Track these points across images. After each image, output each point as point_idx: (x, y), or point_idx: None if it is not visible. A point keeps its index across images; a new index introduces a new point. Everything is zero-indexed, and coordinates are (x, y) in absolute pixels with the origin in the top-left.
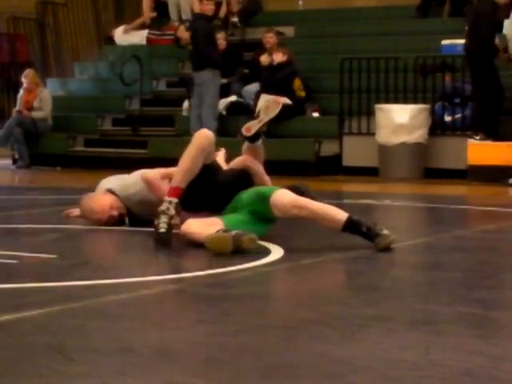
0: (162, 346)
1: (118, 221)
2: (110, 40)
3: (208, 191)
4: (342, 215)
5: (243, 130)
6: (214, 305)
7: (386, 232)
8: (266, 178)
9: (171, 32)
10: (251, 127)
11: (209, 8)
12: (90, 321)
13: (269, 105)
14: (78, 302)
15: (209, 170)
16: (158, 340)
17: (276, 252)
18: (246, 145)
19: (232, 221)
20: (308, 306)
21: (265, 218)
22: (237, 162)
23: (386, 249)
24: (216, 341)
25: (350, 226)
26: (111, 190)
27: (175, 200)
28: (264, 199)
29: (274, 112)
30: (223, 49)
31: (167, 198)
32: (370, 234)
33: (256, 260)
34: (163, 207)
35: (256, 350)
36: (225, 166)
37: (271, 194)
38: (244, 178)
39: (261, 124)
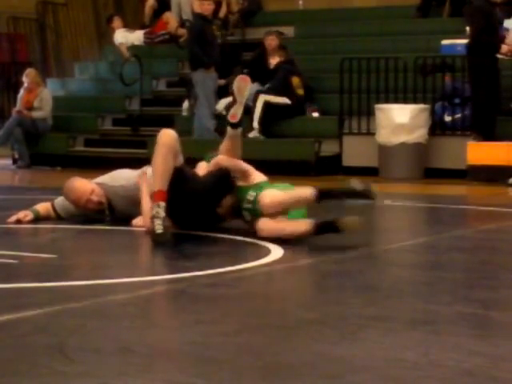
0: (161, 346)
1: (96, 210)
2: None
3: (190, 200)
4: (308, 192)
5: (230, 118)
6: (214, 305)
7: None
8: (244, 166)
9: (163, 32)
10: (236, 113)
11: (206, 8)
12: (90, 321)
13: (238, 85)
14: (77, 302)
15: (183, 179)
16: (158, 340)
17: (276, 252)
18: (229, 134)
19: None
20: (307, 306)
21: None
22: (212, 164)
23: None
24: (215, 341)
25: (322, 196)
26: (98, 182)
27: (163, 203)
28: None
29: (246, 88)
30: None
31: (154, 203)
32: (345, 194)
33: (256, 260)
34: (153, 212)
35: (256, 349)
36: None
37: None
38: (223, 178)
39: (242, 106)
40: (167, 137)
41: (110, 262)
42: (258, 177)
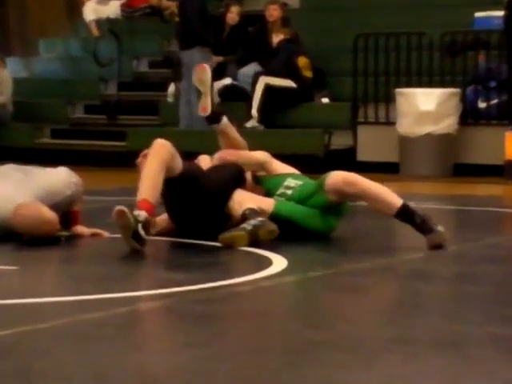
0: (143, 373)
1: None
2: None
3: (200, 200)
4: (396, 200)
5: (200, 112)
6: (206, 324)
7: (440, 228)
8: (256, 157)
9: (144, 5)
10: (205, 105)
11: None
12: (60, 343)
13: (197, 76)
14: (45, 322)
15: (191, 180)
16: (139, 365)
17: (278, 263)
18: (218, 132)
19: (285, 207)
20: (316, 326)
21: (327, 211)
22: (218, 159)
23: (438, 247)
24: (207, 366)
25: (404, 214)
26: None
27: (144, 213)
28: (322, 186)
29: (207, 76)
30: (234, 24)
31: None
32: (424, 227)
33: (255, 272)
34: (135, 213)
35: (254, 377)
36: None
37: (326, 178)
38: (234, 175)
39: (208, 96)
40: (160, 148)
41: (84, 274)
42: (285, 167)
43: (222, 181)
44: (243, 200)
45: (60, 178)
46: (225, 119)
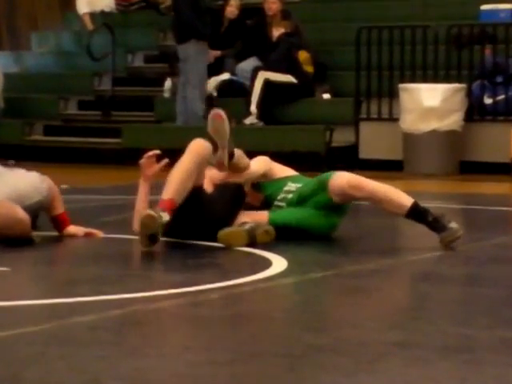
0: (138, 379)
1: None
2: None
3: (201, 224)
4: (406, 200)
5: (218, 169)
6: (204, 328)
7: (454, 225)
8: (258, 171)
9: None
10: (221, 161)
11: None
12: (51, 348)
13: (214, 126)
14: (36, 326)
15: (196, 201)
16: (134, 371)
17: (278, 264)
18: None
19: (279, 216)
20: (317, 330)
21: (329, 210)
22: (219, 180)
23: (451, 245)
24: (205, 372)
25: (415, 214)
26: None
27: (167, 215)
28: (324, 186)
29: (224, 126)
30: (233, 18)
31: (159, 208)
32: (437, 226)
33: (254, 273)
34: (158, 212)
35: (254, 382)
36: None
37: (329, 178)
38: (236, 195)
39: (226, 149)
40: (199, 146)
41: (77, 275)
42: (284, 170)
43: (225, 207)
44: (239, 219)
45: (29, 183)
46: (236, 154)
